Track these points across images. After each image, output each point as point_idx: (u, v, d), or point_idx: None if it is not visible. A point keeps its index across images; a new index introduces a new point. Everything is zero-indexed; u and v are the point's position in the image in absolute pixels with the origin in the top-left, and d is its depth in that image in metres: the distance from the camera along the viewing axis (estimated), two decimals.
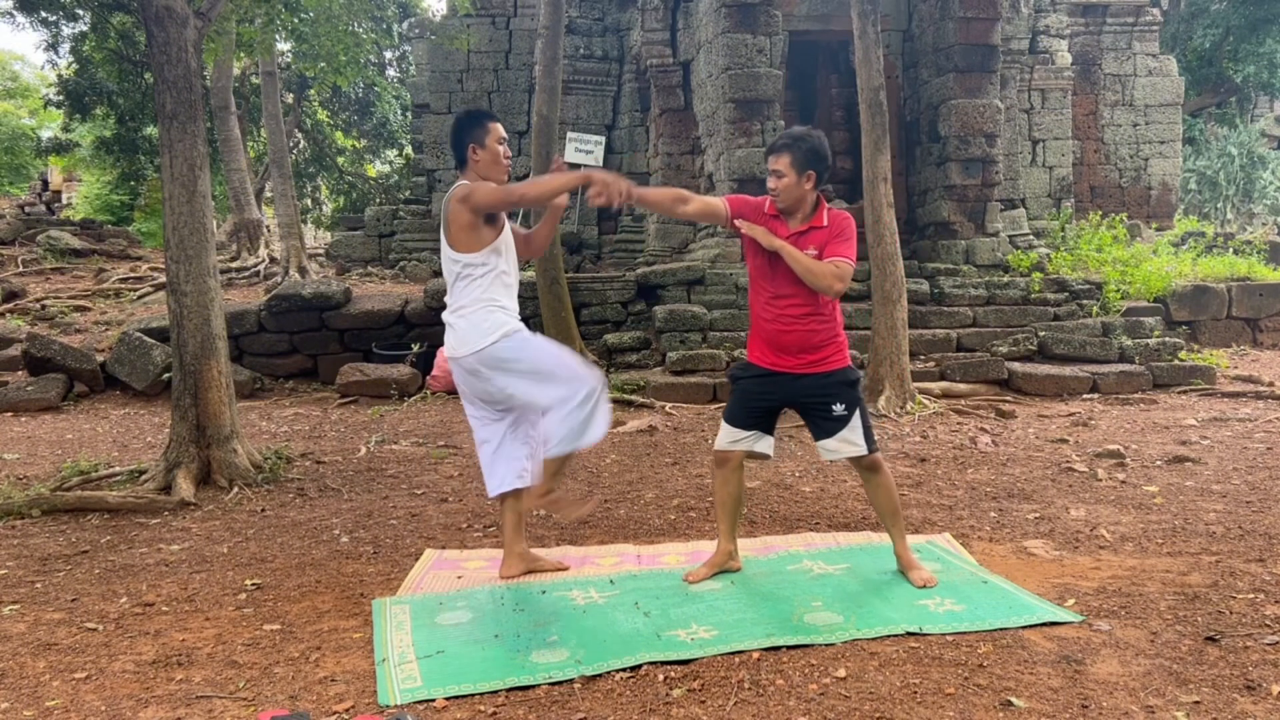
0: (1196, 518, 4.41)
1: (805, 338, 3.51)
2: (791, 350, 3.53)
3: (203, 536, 4.50)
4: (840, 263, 3.44)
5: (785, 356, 3.55)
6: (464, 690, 2.68)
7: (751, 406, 3.64)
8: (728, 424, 3.67)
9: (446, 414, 8.27)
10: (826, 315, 3.54)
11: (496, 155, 3.56)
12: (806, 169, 3.46)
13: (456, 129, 3.60)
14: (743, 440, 3.63)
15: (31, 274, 14.33)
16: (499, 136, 3.57)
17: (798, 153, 3.46)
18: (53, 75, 17.48)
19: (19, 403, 8.66)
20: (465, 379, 3.59)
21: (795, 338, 3.52)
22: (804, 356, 3.53)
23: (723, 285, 10.23)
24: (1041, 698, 2.56)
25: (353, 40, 10.52)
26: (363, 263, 14.40)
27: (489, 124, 3.57)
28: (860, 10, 8.07)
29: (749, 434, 3.63)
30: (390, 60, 21.08)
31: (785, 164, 3.47)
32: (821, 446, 3.60)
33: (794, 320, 3.51)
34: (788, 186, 3.48)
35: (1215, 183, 17.18)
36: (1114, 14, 13.92)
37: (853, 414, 3.52)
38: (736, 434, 3.63)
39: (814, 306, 3.51)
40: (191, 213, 5.57)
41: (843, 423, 3.51)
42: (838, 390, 3.53)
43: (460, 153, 3.57)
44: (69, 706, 2.65)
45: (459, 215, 3.46)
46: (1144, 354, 9.18)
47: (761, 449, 3.67)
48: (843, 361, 3.57)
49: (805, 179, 3.47)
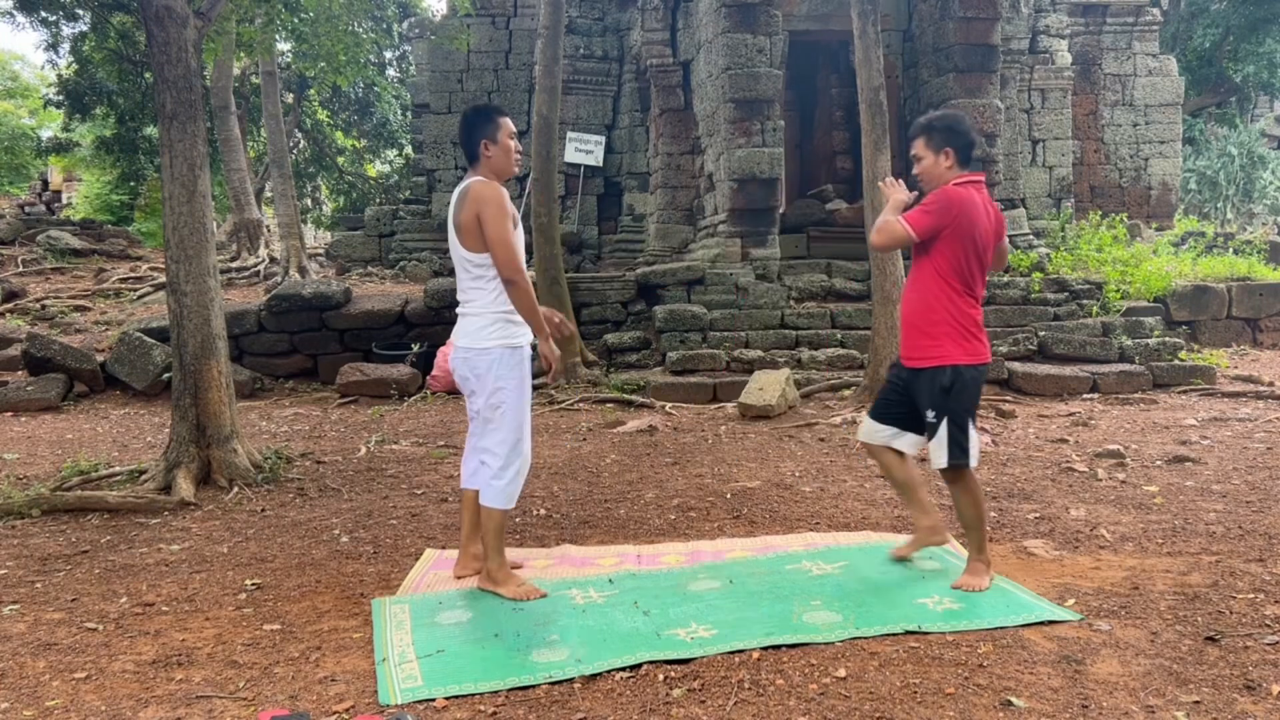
0: (1196, 518, 4.41)
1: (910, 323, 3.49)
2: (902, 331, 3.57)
3: (203, 536, 4.50)
4: (896, 220, 3.44)
5: (902, 342, 3.59)
6: (465, 690, 2.68)
7: (884, 399, 3.68)
8: (868, 416, 3.73)
9: (446, 414, 8.27)
10: (933, 304, 3.42)
11: (508, 150, 3.56)
12: (944, 146, 3.49)
13: (467, 125, 3.57)
14: (879, 434, 3.66)
15: (31, 274, 14.33)
16: (510, 131, 3.57)
17: (933, 133, 3.50)
18: (53, 75, 17.47)
19: (19, 403, 8.66)
20: (458, 366, 3.63)
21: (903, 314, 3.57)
22: (908, 344, 3.51)
23: (723, 285, 10.23)
24: (1041, 698, 2.56)
25: (353, 40, 10.52)
26: (363, 263, 14.40)
27: (500, 119, 3.56)
28: (860, 10, 8.07)
29: (885, 429, 3.65)
30: (390, 60, 21.08)
31: (921, 146, 3.52)
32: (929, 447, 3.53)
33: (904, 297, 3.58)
34: (928, 168, 3.52)
35: (1215, 183, 17.18)
36: (1114, 14, 13.92)
37: (941, 422, 3.42)
38: (873, 427, 3.68)
39: (920, 289, 3.46)
40: (191, 213, 5.57)
41: (932, 431, 3.46)
42: (928, 392, 3.44)
43: (472, 149, 3.55)
44: (69, 706, 2.65)
45: (469, 217, 3.46)
46: (1144, 354, 9.18)
47: (900, 446, 3.64)
48: (939, 360, 3.40)
49: (943, 156, 3.49)
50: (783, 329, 9.85)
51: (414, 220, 14.33)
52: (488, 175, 3.54)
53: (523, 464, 3.56)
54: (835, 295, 10.41)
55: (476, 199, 3.44)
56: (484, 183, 3.50)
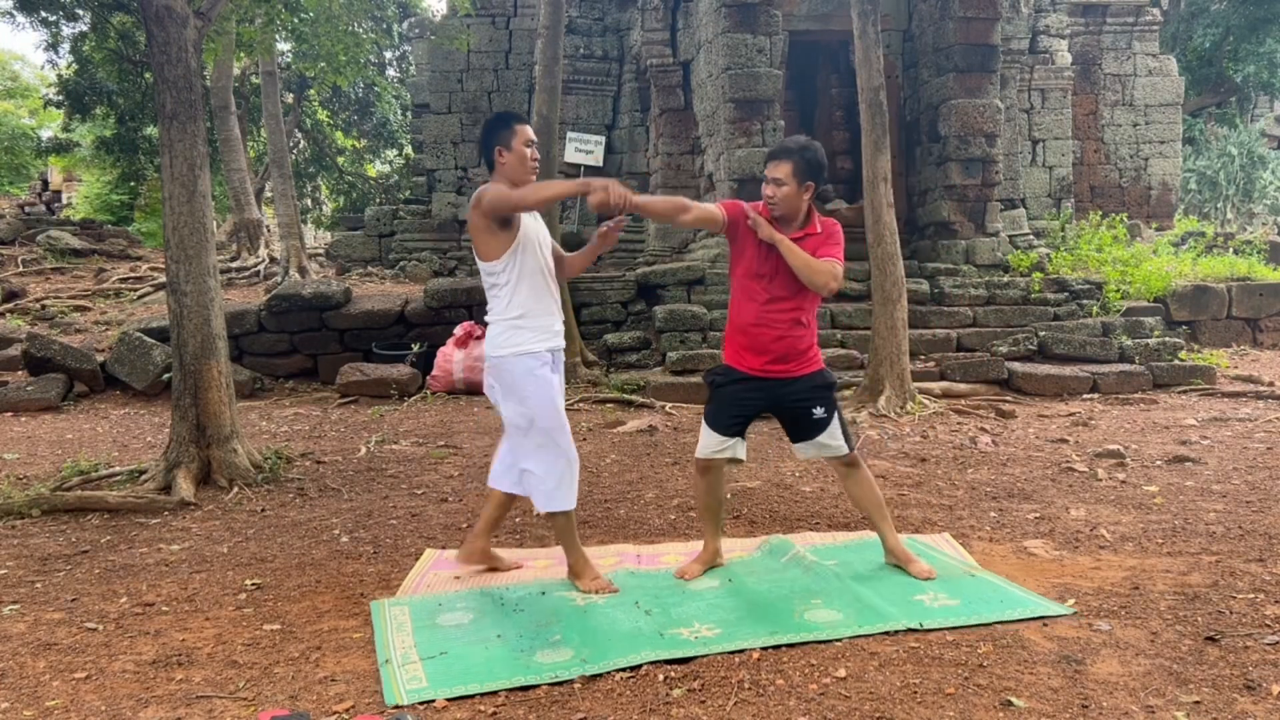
0: (1196, 518, 4.41)
1: (794, 343, 3.53)
2: (779, 355, 3.52)
3: (203, 536, 4.50)
4: (835, 263, 3.46)
5: (773, 362, 3.54)
6: (470, 690, 2.68)
7: (735, 412, 3.62)
8: (712, 430, 3.63)
9: (446, 414, 8.27)
10: (810, 321, 3.59)
11: (524, 158, 3.48)
12: (807, 179, 3.47)
13: (485, 132, 3.56)
14: (726, 448, 3.62)
15: (31, 274, 14.34)
16: (526, 139, 3.50)
17: (800, 162, 3.46)
18: (53, 75, 17.47)
19: (19, 403, 8.66)
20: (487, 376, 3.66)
21: (785, 344, 3.52)
22: (790, 362, 3.54)
23: (722, 285, 10.22)
24: (1041, 698, 2.56)
25: (353, 40, 10.52)
26: (363, 263, 14.40)
27: (516, 126, 3.50)
28: (860, 10, 8.07)
29: (732, 440, 3.62)
30: (390, 60, 21.08)
31: (786, 172, 3.46)
32: (798, 449, 3.66)
33: (786, 325, 3.51)
34: (787, 195, 3.48)
35: (1215, 183, 17.18)
36: (1114, 14, 13.93)
37: (832, 416, 3.56)
38: (721, 441, 3.61)
39: (805, 312, 3.56)
40: (191, 213, 5.57)
41: (823, 425, 3.56)
42: (818, 394, 3.56)
43: (488, 155, 3.53)
44: (69, 706, 2.65)
45: (474, 221, 3.46)
46: (1144, 354, 9.18)
47: (739, 454, 3.67)
48: (820, 364, 3.61)
49: (804, 189, 3.49)
50: None
51: (414, 220, 14.33)
52: (502, 183, 3.46)
53: (567, 465, 3.57)
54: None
55: (477, 199, 3.45)
56: (486, 185, 3.48)
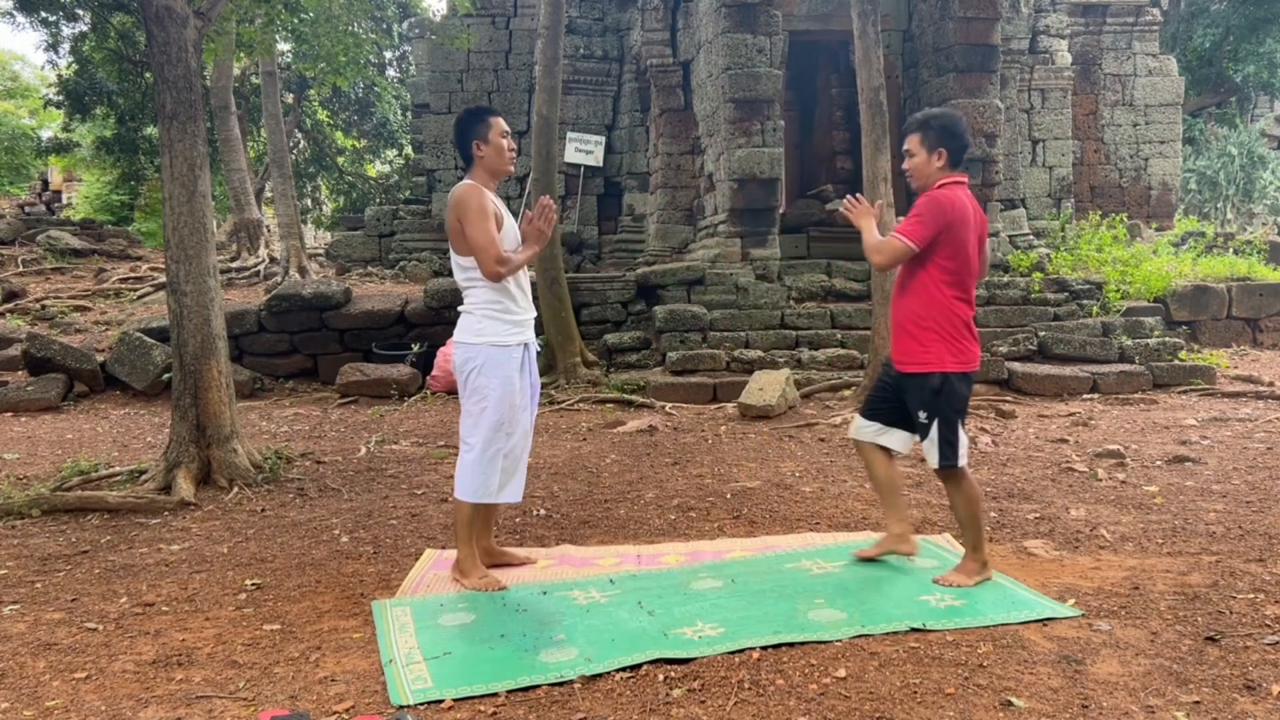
0: (1196, 518, 4.41)
1: (902, 327, 3.53)
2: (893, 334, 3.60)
3: (203, 536, 4.50)
4: (893, 237, 3.45)
5: (892, 344, 3.61)
6: (476, 690, 2.68)
7: (874, 396, 3.73)
8: (858, 413, 3.78)
9: (446, 414, 8.27)
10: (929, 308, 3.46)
11: (501, 149, 3.63)
12: (937, 147, 3.47)
13: (459, 128, 3.67)
14: (867, 430, 3.70)
15: (31, 274, 14.33)
16: (501, 130, 3.65)
17: (928, 131, 3.48)
18: (53, 75, 17.47)
19: (19, 403, 8.66)
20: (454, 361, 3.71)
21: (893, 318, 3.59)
22: (899, 348, 3.55)
23: (723, 285, 10.23)
24: (1041, 698, 2.56)
25: (352, 40, 10.52)
26: (363, 263, 14.40)
27: (490, 119, 3.64)
28: (860, 10, 8.07)
29: (872, 425, 3.69)
30: (390, 60, 21.07)
31: (915, 143, 3.50)
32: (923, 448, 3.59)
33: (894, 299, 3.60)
34: (918, 165, 3.52)
35: (1215, 183, 17.18)
36: (1114, 14, 13.93)
37: (932, 424, 3.46)
38: (862, 424, 3.73)
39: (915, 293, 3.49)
40: (191, 213, 5.57)
41: (924, 431, 3.50)
42: (918, 395, 3.49)
43: (465, 150, 3.65)
44: (69, 706, 2.65)
45: (452, 224, 3.59)
46: (1144, 354, 9.18)
47: (888, 443, 3.67)
48: (929, 365, 3.44)
49: (935, 156, 3.48)
50: (783, 329, 9.85)
51: (414, 220, 14.33)
52: (483, 175, 3.64)
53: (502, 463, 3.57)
54: (835, 295, 10.41)
55: (456, 204, 3.56)
56: (463, 186, 3.60)
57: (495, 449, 3.56)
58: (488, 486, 3.57)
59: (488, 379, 3.55)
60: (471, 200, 3.52)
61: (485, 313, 3.58)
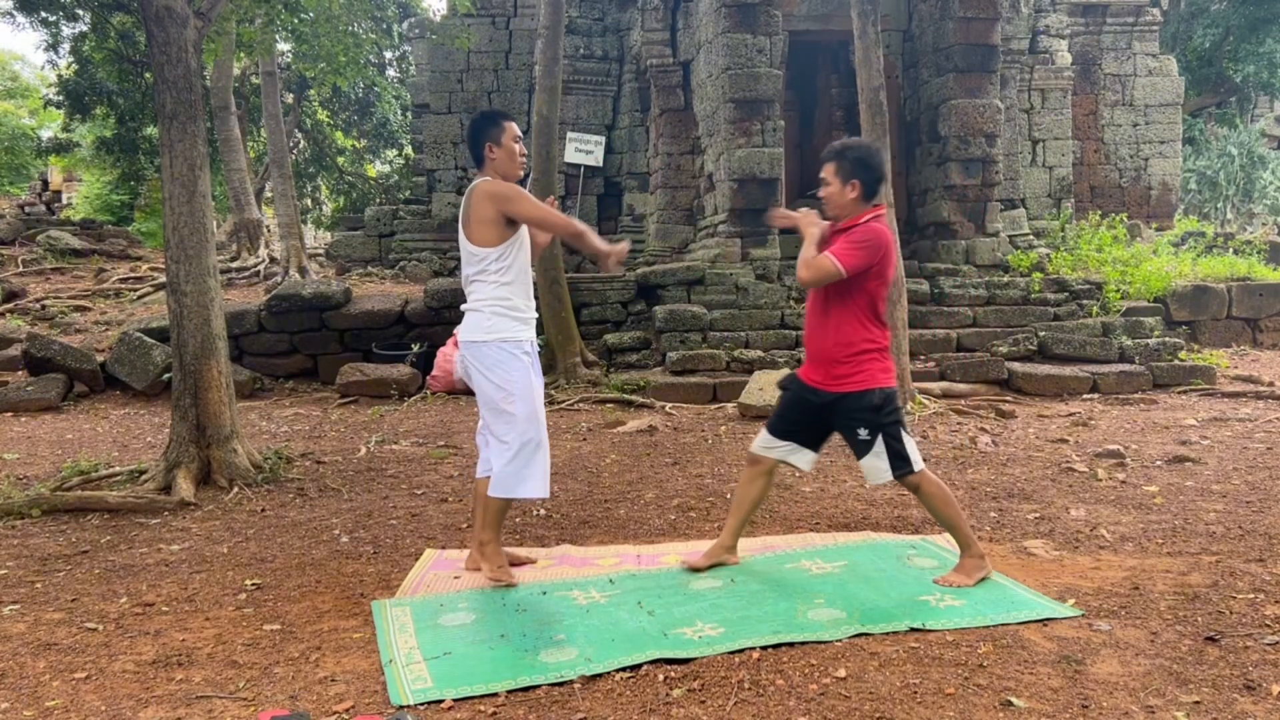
0: (1196, 518, 4.41)
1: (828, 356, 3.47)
2: (815, 361, 3.53)
3: (203, 536, 4.50)
4: (826, 258, 3.40)
5: (813, 368, 3.54)
6: (476, 690, 2.68)
7: (787, 416, 3.65)
8: (764, 429, 3.71)
9: (446, 414, 8.27)
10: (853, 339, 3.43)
11: (513, 153, 3.67)
12: (851, 178, 3.48)
13: (473, 130, 3.72)
14: (776, 449, 3.66)
15: (31, 274, 14.33)
16: (514, 135, 3.69)
17: (843, 162, 3.50)
18: (53, 75, 17.49)
19: (19, 403, 8.66)
20: (462, 361, 3.70)
21: (816, 346, 3.52)
22: (825, 372, 3.49)
23: (723, 285, 10.23)
24: (1041, 698, 2.56)
25: (353, 40, 10.52)
26: (363, 263, 14.40)
27: (504, 123, 3.69)
28: (860, 10, 8.07)
29: (783, 444, 3.65)
30: (390, 60, 21.06)
31: (830, 172, 3.52)
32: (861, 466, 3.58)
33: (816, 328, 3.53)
34: (832, 195, 3.53)
35: (1215, 183, 17.18)
36: (1114, 14, 13.92)
37: (876, 438, 3.44)
38: (771, 442, 3.66)
39: (838, 324, 3.45)
40: (191, 213, 5.57)
41: (866, 448, 3.47)
42: (858, 413, 3.45)
43: (478, 152, 3.69)
44: (69, 706, 2.65)
45: (484, 210, 3.57)
46: (1144, 354, 9.18)
47: (796, 461, 3.67)
48: (866, 383, 3.44)
49: (850, 188, 3.49)
50: (783, 329, 9.85)
51: (414, 220, 14.32)
52: (494, 177, 3.66)
53: (539, 455, 3.57)
54: None
55: (495, 194, 3.56)
56: (493, 180, 3.62)
57: (531, 439, 3.55)
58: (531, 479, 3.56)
59: (507, 372, 3.56)
60: (514, 190, 3.57)
61: (494, 309, 3.59)
